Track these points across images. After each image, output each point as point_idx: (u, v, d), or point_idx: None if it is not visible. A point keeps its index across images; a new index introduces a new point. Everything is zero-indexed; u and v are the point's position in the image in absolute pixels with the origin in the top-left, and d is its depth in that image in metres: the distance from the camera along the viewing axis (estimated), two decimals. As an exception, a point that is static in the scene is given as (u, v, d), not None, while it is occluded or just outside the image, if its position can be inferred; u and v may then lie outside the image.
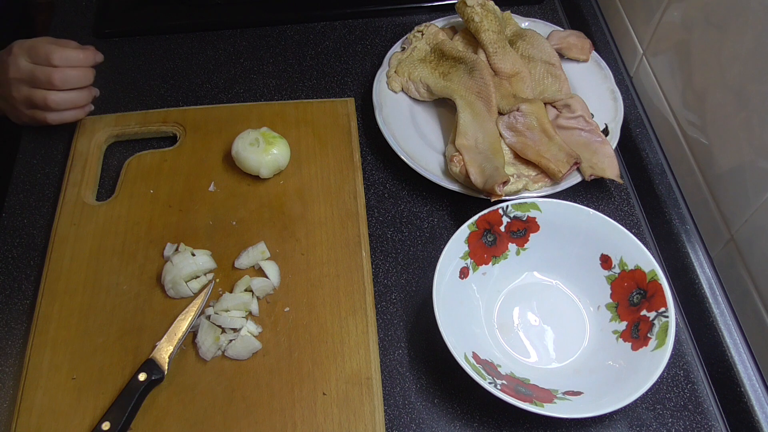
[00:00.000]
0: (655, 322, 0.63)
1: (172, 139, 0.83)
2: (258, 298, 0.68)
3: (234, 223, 0.74)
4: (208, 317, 0.67)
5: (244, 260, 0.70)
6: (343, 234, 0.73)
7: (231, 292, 0.69)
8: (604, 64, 0.86)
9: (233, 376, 0.64)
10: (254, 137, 0.76)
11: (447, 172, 0.76)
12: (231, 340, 0.65)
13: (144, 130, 0.82)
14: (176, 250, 0.71)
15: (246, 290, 0.69)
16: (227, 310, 0.67)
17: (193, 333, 0.66)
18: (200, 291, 0.68)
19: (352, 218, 0.75)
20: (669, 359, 0.59)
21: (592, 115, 0.80)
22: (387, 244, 0.75)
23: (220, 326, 0.66)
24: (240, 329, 0.66)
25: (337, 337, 0.67)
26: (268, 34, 0.96)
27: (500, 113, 0.79)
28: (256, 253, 0.71)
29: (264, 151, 0.75)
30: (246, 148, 0.75)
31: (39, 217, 0.77)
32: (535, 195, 0.74)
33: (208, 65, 0.92)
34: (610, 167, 0.75)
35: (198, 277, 0.69)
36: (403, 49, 0.88)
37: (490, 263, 0.70)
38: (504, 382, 0.60)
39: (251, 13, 0.97)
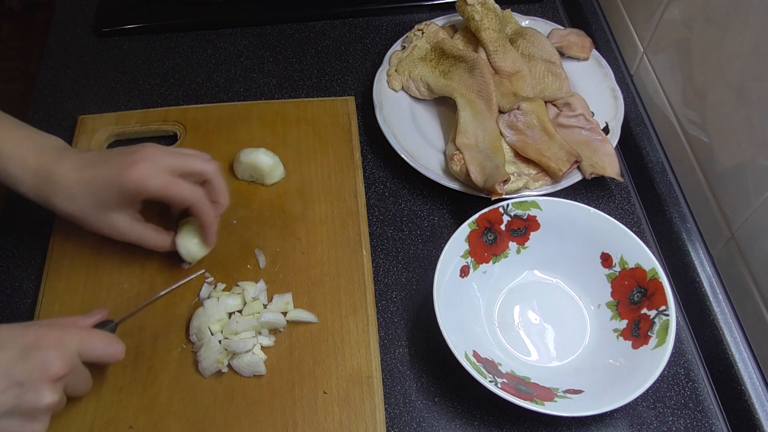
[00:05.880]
0: (656, 320, 0.63)
1: (172, 138, 0.83)
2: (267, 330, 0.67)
3: (234, 221, 0.74)
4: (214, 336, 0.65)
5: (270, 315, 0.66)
6: (343, 233, 0.73)
7: (230, 291, 0.69)
8: (604, 62, 0.86)
9: (234, 375, 0.64)
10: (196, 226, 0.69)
11: (447, 171, 0.76)
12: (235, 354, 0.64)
13: (144, 129, 0.82)
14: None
15: (255, 313, 0.66)
16: (237, 333, 0.65)
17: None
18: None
19: (353, 217, 0.75)
20: (669, 358, 0.59)
21: (593, 113, 0.80)
22: (387, 243, 0.75)
23: (232, 351, 0.64)
24: (252, 348, 0.64)
25: (337, 335, 0.67)
26: (268, 32, 0.96)
27: (501, 112, 0.79)
28: (281, 304, 0.68)
29: (192, 235, 0.69)
30: (188, 231, 0.69)
31: (39, 216, 0.77)
32: (535, 193, 0.74)
33: (208, 64, 0.92)
34: (610, 166, 0.75)
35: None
36: (404, 47, 0.88)
37: (491, 262, 0.70)
38: (504, 380, 0.60)
39: (251, 12, 0.97)
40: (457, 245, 0.67)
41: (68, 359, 0.55)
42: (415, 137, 0.80)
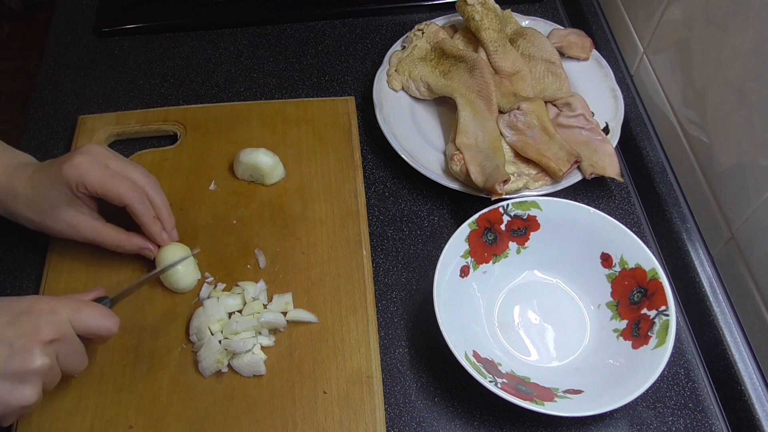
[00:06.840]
0: (656, 320, 0.63)
1: (172, 138, 0.83)
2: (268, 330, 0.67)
3: (234, 221, 0.74)
4: (214, 336, 0.65)
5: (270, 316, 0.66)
6: (343, 233, 0.73)
7: (230, 291, 0.69)
8: (604, 62, 0.86)
9: (234, 375, 0.64)
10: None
11: (447, 171, 0.76)
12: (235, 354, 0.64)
13: (144, 128, 0.82)
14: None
15: (255, 313, 0.66)
16: (237, 333, 0.65)
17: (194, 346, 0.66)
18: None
19: (353, 217, 0.75)
20: (669, 358, 0.59)
21: (593, 113, 0.80)
22: (387, 243, 0.75)
23: (232, 351, 0.64)
24: (252, 348, 0.64)
25: (337, 335, 0.67)
26: (268, 32, 0.96)
27: (501, 112, 0.79)
28: (281, 304, 0.68)
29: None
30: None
31: (39, 216, 0.77)
32: (535, 193, 0.74)
33: (208, 64, 0.92)
34: (610, 166, 0.75)
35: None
36: (404, 47, 0.88)
37: (491, 262, 0.70)
38: (504, 380, 0.60)
39: (251, 12, 0.97)
40: (457, 245, 0.67)
41: (60, 325, 0.55)
42: (415, 137, 0.80)
